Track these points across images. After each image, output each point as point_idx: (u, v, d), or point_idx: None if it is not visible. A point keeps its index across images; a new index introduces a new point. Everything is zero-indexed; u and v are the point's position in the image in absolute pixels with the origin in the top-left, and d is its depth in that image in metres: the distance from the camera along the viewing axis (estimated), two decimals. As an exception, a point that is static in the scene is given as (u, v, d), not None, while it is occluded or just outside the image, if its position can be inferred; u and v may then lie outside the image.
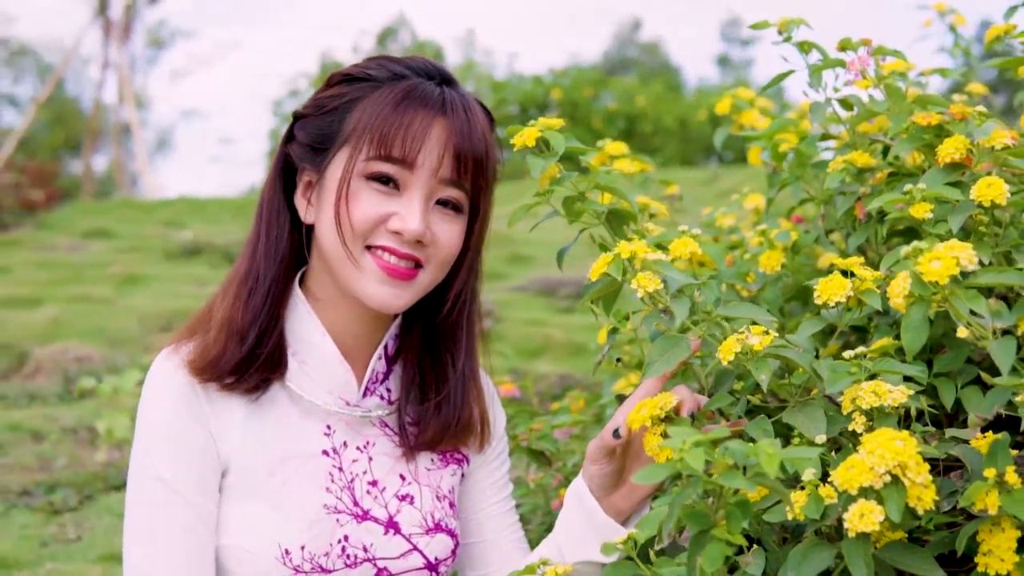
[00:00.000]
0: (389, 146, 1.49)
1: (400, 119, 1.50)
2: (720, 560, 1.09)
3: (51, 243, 10.55)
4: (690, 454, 1.05)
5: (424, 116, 1.51)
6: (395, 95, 1.52)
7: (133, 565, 1.49)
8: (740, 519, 1.12)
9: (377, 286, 1.53)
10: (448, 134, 1.52)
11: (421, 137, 1.50)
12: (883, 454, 1.12)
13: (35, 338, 6.72)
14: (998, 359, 1.10)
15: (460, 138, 1.53)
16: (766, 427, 1.37)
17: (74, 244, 10.63)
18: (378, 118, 1.51)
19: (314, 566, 1.51)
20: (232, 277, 1.62)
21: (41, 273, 8.94)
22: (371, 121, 1.51)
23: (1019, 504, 1.13)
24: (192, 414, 1.51)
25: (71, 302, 7.89)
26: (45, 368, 6.10)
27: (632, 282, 1.40)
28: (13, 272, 8.92)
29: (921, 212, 1.46)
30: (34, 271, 8.98)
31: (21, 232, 11.04)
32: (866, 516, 1.12)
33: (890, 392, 1.25)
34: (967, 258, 1.14)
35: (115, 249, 10.46)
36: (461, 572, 1.78)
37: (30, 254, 9.84)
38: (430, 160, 1.51)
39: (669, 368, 1.40)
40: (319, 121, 1.57)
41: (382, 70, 1.57)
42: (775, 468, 1.07)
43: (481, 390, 1.72)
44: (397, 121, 1.50)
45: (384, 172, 1.51)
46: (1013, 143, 1.60)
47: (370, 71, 1.57)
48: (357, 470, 1.60)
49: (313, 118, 1.58)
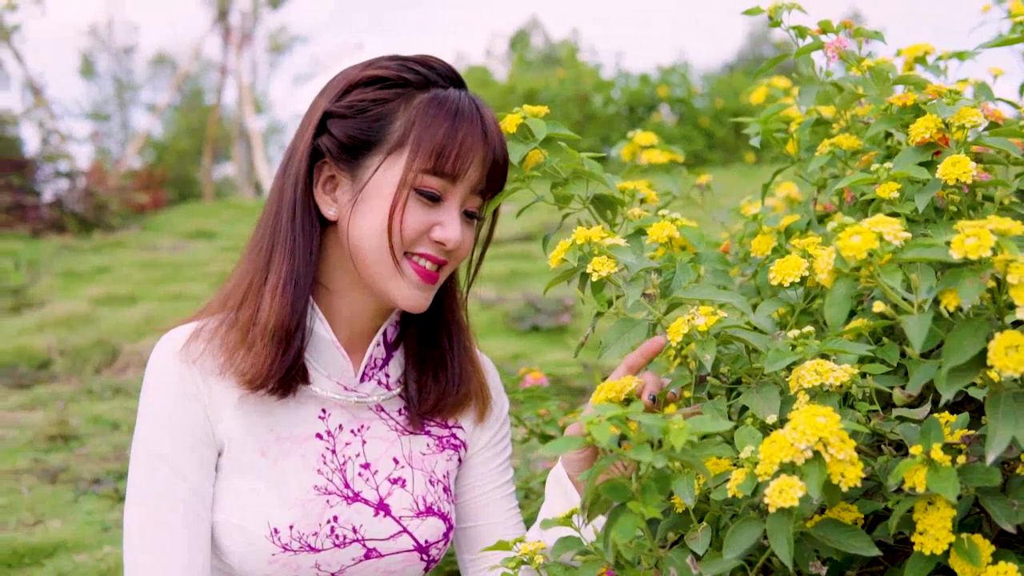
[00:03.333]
0: (444, 162, 1.53)
1: (454, 136, 1.54)
2: (632, 532, 1.10)
3: (154, 244, 10.86)
4: (597, 428, 1.07)
5: (470, 132, 1.56)
6: (443, 109, 1.56)
7: (132, 536, 1.55)
8: (656, 493, 1.13)
9: (412, 290, 1.58)
10: (487, 149, 1.58)
11: (470, 156, 1.56)
12: (804, 430, 1.12)
13: (128, 335, 6.93)
14: (911, 334, 1.09)
15: (496, 153, 1.59)
16: (720, 407, 1.37)
17: (176, 244, 10.93)
18: (431, 132, 1.54)
19: (303, 545, 1.56)
20: (261, 278, 1.60)
21: (141, 272, 9.21)
22: (424, 134, 1.54)
23: (944, 482, 1.12)
24: (189, 395, 1.56)
25: (166, 300, 8.12)
26: (134, 364, 6.30)
27: (588, 267, 1.42)
28: (114, 271, 9.20)
29: (887, 192, 1.45)
30: (135, 271, 9.25)
31: (126, 234, 11.36)
32: (785, 492, 1.11)
33: (832, 371, 1.25)
34: (892, 233, 1.13)
35: (215, 249, 10.72)
36: (459, 555, 1.81)
37: (133, 254, 10.13)
38: (472, 175, 1.57)
39: (624, 351, 1.41)
40: (358, 123, 1.57)
41: (413, 74, 1.59)
42: (682, 442, 1.08)
43: (477, 363, 1.77)
44: (451, 137, 1.54)
45: (433, 187, 1.55)
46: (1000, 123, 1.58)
47: (404, 75, 1.59)
48: (350, 453, 1.64)
49: (350, 119, 1.58)
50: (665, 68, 20.48)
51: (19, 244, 9.78)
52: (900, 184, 1.45)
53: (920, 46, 2.08)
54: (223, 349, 1.58)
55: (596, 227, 1.45)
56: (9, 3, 13.06)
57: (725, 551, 1.18)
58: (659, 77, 19.65)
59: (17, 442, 4.71)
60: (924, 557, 1.18)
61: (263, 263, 1.61)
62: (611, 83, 19.18)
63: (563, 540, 1.32)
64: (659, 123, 15.35)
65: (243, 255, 1.67)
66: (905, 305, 1.12)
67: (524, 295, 7.19)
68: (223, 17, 16.59)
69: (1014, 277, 1.06)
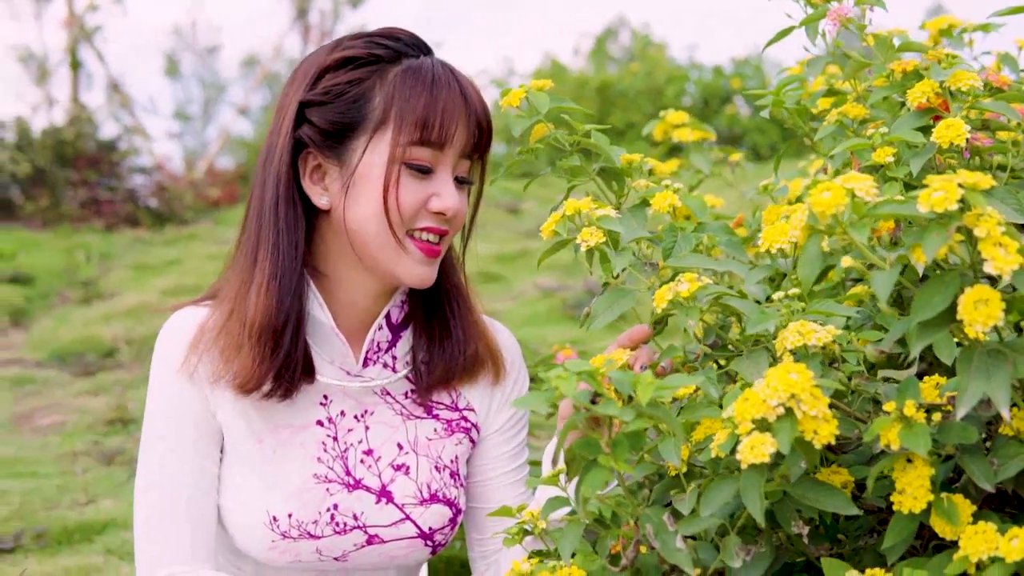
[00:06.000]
0: (429, 131, 1.53)
1: (435, 104, 1.53)
2: (599, 486, 1.12)
3: (225, 237, 10.98)
4: (563, 382, 1.08)
5: (450, 98, 1.55)
6: (419, 79, 1.55)
7: (139, 513, 1.59)
8: (626, 449, 1.14)
9: (418, 266, 1.58)
10: (468, 112, 1.57)
11: (454, 121, 1.55)
12: (776, 386, 1.12)
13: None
14: (877, 289, 1.09)
15: (478, 114, 1.59)
16: (710, 375, 1.37)
17: (247, 238, 11.04)
18: (412, 104, 1.53)
19: (302, 532, 1.57)
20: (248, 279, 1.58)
21: (210, 265, 9.33)
22: (405, 107, 1.53)
23: (917, 438, 1.12)
24: (191, 378, 1.57)
25: (233, 291, 8.23)
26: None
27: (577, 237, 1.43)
28: (184, 264, 9.34)
29: (882, 156, 1.44)
30: (203, 263, 9.37)
31: (199, 227, 11.51)
32: (756, 448, 1.12)
33: (814, 332, 1.25)
34: (863, 189, 1.13)
35: (284, 242, 10.82)
36: (467, 531, 1.81)
37: (203, 247, 10.27)
38: (459, 140, 1.57)
39: (611, 319, 1.41)
40: (336, 107, 1.56)
41: (383, 48, 1.58)
42: (647, 396, 1.09)
43: (482, 324, 1.74)
44: (432, 106, 1.53)
45: (423, 159, 1.54)
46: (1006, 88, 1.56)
47: (374, 51, 1.57)
48: (352, 439, 1.64)
49: (328, 105, 1.56)
50: (739, 60, 20.29)
51: (93, 238, 9.96)
52: (895, 149, 1.44)
53: (945, 18, 2.06)
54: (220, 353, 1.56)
55: (586, 198, 1.47)
56: (91, 4, 13.32)
57: (702, 509, 1.19)
58: (733, 69, 19.47)
59: (77, 426, 4.83)
60: (905, 517, 1.18)
61: (249, 263, 1.59)
62: (684, 75, 19.03)
63: (552, 500, 1.33)
64: (733, 115, 15.21)
65: (229, 257, 1.66)
66: (877, 260, 1.12)
67: (585, 283, 7.18)
68: (302, 16, 16.69)
69: (982, 231, 1.06)
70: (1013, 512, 1.28)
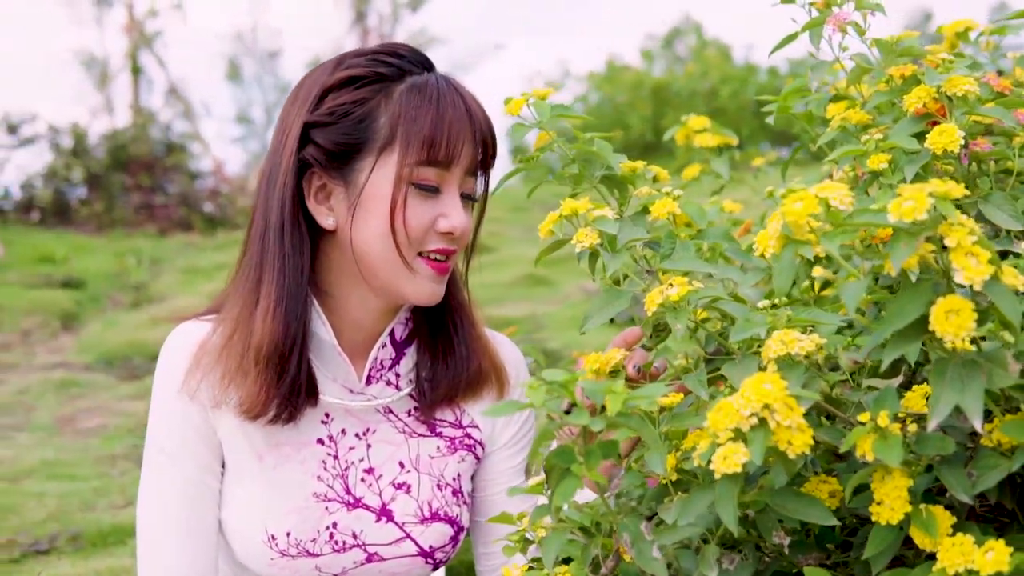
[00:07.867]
0: (436, 151, 1.52)
1: (441, 122, 1.53)
2: (570, 495, 1.12)
3: (276, 241, 11.10)
4: (534, 392, 1.09)
5: (455, 115, 1.54)
6: (424, 97, 1.54)
7: (141, 525, 1.61)
8: (599, 457, 1.14)
9: (427, 284, 1.57)
10: (474, 128, 1.57)
11: (460, 139, 1.54)
12: (750, 396, 1.12)
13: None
14: (845, 300, 1.08)
15: (483, 131, 1.59)
16: (701, 379, 1.37)
17: (296, 242, 11.15)
18: (418, 123, 1.52)
19: (300, 551, 1.57)
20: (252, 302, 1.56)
21: (259, 268, 9.45)
22: (411, 127, 1.52)
23: (890, 449, 1.11)
24: (193, 397, 1.57)
25: (281, 295, 8.33)
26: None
27: (573, 239, 1.43)
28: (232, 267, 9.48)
29: (876, 163, 1.43)
30: (253, 266, 9.51)
31: (249, 231, 11.68)
32: (729, 458, 1.12)
33: (798, 341, 1.24)
34: (838, 198, 1.12)
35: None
36: (473, 545, 1.81)
37: (254, 251, 10.41)
38: (465, 158, 1.56)
39: (602, 321, 1.42)
40: (342, 128, 1.54)
41: (386, 66, 1.56)
42: (618, 406, 1.09)
43: (485, 339, 1.74)
44: (439, 124, 1.53)
45: (430, 179, 1.54)
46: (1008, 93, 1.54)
47: (378, 70, 1.56)
48: (353, 458, 1.63)
49: (333, 125, 1.55)
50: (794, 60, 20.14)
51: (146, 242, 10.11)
52: (890, 155, 1.43)
53: (961, 22, 2.03)
54: (220, 378, 1.56)
55: (583, 199, 1.47)
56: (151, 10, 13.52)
57: (679, 518, 1.18)
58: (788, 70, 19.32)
59: (119, 430, 4.92)
60: (885, 528, 1.17)
61: (253, 285, 1.57)
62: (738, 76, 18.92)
63: (538, 509, 1.34)
64: (788, 115, 15.12)
65: (232, 278, 1.64)
66: (850, 269, 1.11)
67: (628, 288, 7.17)
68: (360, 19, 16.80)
69: (952, 240, 1.05)
70: (1001, 523, 1.26)
